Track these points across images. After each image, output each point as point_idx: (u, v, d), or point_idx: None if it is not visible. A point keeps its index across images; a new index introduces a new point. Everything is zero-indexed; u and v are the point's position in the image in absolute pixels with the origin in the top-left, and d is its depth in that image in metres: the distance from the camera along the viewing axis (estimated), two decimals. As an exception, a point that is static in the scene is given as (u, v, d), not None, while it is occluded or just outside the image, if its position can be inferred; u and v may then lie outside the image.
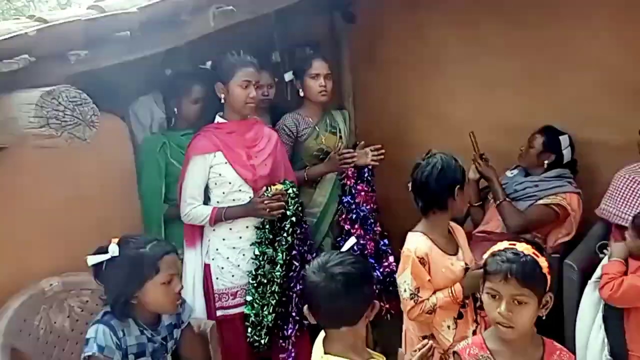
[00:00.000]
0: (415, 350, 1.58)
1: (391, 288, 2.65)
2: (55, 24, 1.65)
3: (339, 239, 2.77)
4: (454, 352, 1.63)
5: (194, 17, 2.13)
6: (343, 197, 2.78)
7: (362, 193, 2.77)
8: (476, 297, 2.01)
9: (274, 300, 2.40)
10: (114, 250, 1.79)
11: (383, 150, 2.77)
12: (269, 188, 2.42)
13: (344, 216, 2.77)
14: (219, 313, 2.46)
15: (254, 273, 2.42)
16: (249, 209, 2.38)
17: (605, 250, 2.37)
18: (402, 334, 2.13)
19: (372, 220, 2.78)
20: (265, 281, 2.41)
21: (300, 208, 2.51)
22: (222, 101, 2.41)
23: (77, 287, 2.10)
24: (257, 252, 2.42)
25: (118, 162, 2.45)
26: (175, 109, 2.61)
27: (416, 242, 1.94)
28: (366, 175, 2.79)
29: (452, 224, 2.10)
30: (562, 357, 1.58)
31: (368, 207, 2.77)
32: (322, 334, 1.54)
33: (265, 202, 2.35)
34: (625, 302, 2.12)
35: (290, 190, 2.45)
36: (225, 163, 2.40)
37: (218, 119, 2.47)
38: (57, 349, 2.02)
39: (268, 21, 2.97)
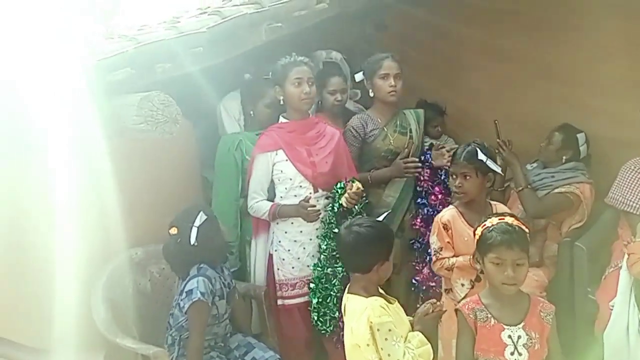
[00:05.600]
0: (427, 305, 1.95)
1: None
2: (147, 43, 2.10)
3: (412, 240, 2.80)
4: (456, 310, 1.95)
5: (249, 32, 2.56)
6: (418, 199, 2.79)
7: (439, 195, 2.79)
8: None
9: (338, 293, 2.47)
10: (202, 217, 2.25)
11: None
12: (350, 182, 2.50)
13: (416, 219, 2.78)
14: (279, 302, 2.61)
15: (319, 265, 2.53)
16: (298, 210, 2.51)
17: None
18: None
19: None
20: (329, 273, 2.52)
21: (365, 206, 2.57)
22: (281, 103, 2.60)
23: (157, 256, 2.54)
24: (323, 246, 2.53)
25: (184, 154, 2.85)
26: (252, 112, 2.83)
27: (443, 212, 2.36)
28: (442, 177, 2.80)
29: (496, 203, 2.41)
30: (545, 307, 1.89)
31: (441, 207, 2.70)
32: None
33: (309, 208, 2.47)
34: None
35: (336, 185, 2.54)
36: (286, 160, 2.54)
37: (281, 119, 2.64)
38: (141, 305, 2.48)
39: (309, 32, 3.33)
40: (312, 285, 2.55)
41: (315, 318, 2.54)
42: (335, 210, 2.55)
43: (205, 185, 2.98)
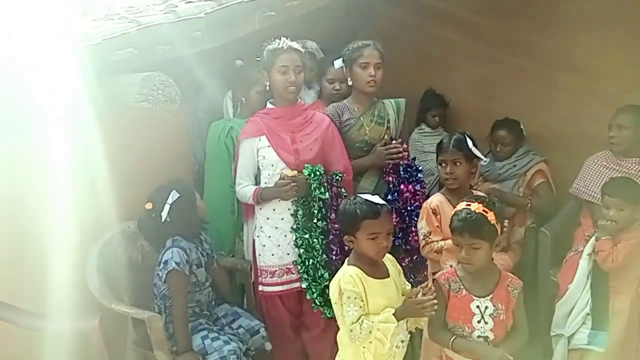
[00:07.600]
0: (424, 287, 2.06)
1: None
2: (149, 25, 2.21)
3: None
4: (434, 279, 2.13)
5: (244, 20, 2.68)
6: (388, 195, 2.64)
7: (407, 193, 2.66)
8: None
9: (324, 283, 2.51)
10: (174, 196, 2.37)
11: None
12: (282, 173, 2.52)
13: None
14: (259, 288, 2.63)
15: (300, 259, 2.56)
16: (277, 190, 2.49)
17: None
18: None
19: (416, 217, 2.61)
20: (312, 264, 2.54)
21: (338, 194, 2.54)
22: (267, 88, 2.57)
23: (148, 230, 2.66)
24: (294, 238, 2.55)
25: (176, 134, 2.91)
26: (243, 98, 2.81)
27: (432, 199, 2.50)
28: (414, 173, 2.71)
29: (477, 190, 2.60)
30: (513, 282, 2.07)
31: (415, 204, 2.67)
32: None
33: (292, 184, 2.44)
34: (619, 267, 2.55)
35: (312, 176, 2.49)
36: (269, 146, 2.52)
37: (268, 105, 2.61)
38: (132, 276, 2.58)
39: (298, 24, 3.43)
40: (304, 277, 2.57)
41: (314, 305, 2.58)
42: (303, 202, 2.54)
43: None
